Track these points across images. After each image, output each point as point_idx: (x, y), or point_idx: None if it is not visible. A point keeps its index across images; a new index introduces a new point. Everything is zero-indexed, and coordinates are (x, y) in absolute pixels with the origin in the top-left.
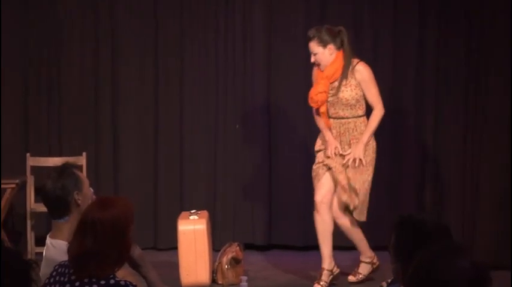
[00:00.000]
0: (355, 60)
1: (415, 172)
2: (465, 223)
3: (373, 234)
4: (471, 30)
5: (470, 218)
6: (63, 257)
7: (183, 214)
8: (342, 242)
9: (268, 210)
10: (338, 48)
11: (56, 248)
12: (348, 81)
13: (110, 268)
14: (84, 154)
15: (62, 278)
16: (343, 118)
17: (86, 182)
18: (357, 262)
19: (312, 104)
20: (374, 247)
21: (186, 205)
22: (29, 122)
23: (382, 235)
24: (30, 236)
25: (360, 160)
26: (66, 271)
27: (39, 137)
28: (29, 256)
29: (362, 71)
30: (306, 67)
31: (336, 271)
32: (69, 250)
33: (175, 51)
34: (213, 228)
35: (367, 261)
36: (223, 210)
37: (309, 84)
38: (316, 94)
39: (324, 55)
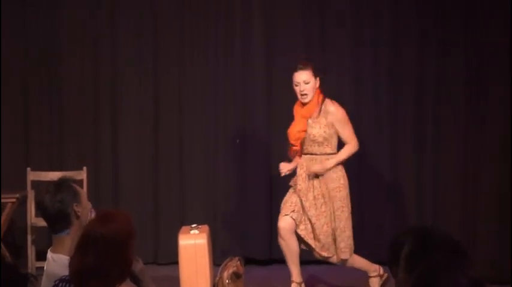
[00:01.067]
0: (327, 100)
1: (414, 175)
2: (465, 227)
3: (374, 240)
4: (471, 31)
5: (471, 222)
6: (64, 271)
7: (184, 228)
8: None
9: (269, 224)
10: (320, 83)
11: (56, 262)
12: (318, 119)
13: (112, 283)
14: (84, 168)
15: None
16: (311, 154)
17: (83, 194)
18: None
19: (291, 141)
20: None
21: (187, 220)
22: (29, 136)
23: (382, 240)
24: (31, 251)
25: (317, 176)
26: (67, 285)
27: (40, 152)
28: (30, 271)
29: (335, 113)
30: None
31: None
32: (70, 266)
33: (175, 61)
34: (213, 243)
35: (374, 275)
36: (223, 225)
37: None
38: (297, 132)
39: (312, 87)
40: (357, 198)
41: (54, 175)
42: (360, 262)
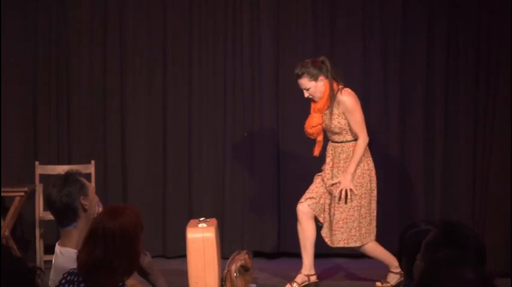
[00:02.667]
0: (340, 88)
1: (424, 175)
2: (475, 226)
3: (382, 239)
4: (480, 30)
5: (480, 220)
6: (72, 264)
7: (192, 221)
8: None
9: (277, 217)
10: (327, 77)
11: (65, 256)
12: (332, 110)
13: (120, 276)
14: (92, 162)
15: (70, 286)
16: (335, 142)
17: (90, 187)
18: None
19: (308, 136)
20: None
21: (195, 213)
22: (37, 130)
23: (391, 239)
24: (39, 244)
25: (351, 190)
26: (75, 279)
27: (48, 146)
28: (38, 264)
29: (344, 102)
30: None
31: (314, 279)
32: (78, 259)
33: (184, 58)
34: (221, 236)
35: (395, 271)
36: (232, 218)
37: None
38: (311, 128)
39: (317, 88)
40: None
41: (62, 169)
42: (384, 254)
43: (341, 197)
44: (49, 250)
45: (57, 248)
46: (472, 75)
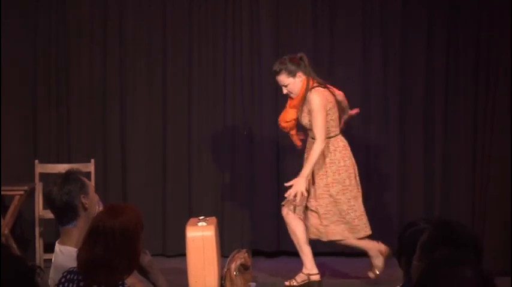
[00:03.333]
0: (313, 86)
1: (424, 175)
2: (475, 226)
3: (380, 238)
4: (480, 30)
5: (480, 220)
6: (72, 263)
7: (192, 220)
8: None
9: (277, 216)
10: (305, 73)
11: (64, 254)
12: (303, 108)
13: (120, 275)
14: (92, 160)
15: (70, 285)
16: (312, 138)
17: (91, 186)
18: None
19: (282, 129)
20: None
21: (195, 212)
22: (37, 129)
23: (391, 239)
24: (39, 243)
25: (302, 193)
26: (75, 277)
27: (48, 144)
28: (38, 263)
29: (310, 100)
30: None
31: (316, 278)
32: (78, 257)
33: (184, 58)
34: (221, 234)
35: (375, 254)
36: (231, 216)
37: None
38: (285, 122)
39: (295, 84)
40: (366, 190)
41: (62, 167)
42: (363, 243)
43: (296, 197)
44: (49, 248)
45: (57, 246)
46: (472, 75)
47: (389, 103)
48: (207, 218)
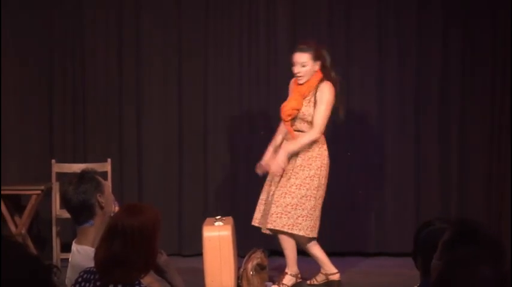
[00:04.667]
0: (326, 81)
1: (440, 175)
2: (491, 225)
3: (397, 239)
4: (496, 29)
5: (496, 220)
6: (89, 262)
7: (208, 220)
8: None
9: None
10: (319, 66)
11: (81, 254)
12: (311, 98)
13: (136, 274)
14: (108, 160)
15: (87, 285)
16: (299, 131)
17: (106, 185)
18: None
19: (282, 116)
20: (397, 254)
21: (210, 211)
22: (54, 128)
23: (406, 239)
24: (56, 243)
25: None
26: (92, 277)
27: (65, 144)
28: (54, 262)
29: (322, 89)
30: None
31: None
32: (96, 255)
33: (199, 56)
34: (237, 234)
35: (329, 273)
36: (247, 216)
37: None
38: (292, 109)
39: (311, 69)
40: (379, 188)
41: (78, 167)
42: (322, 254)
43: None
44: (66, 248)
45: (74, 246)
46: (488, 75)
47: (405, 103)
48: (224, 218)
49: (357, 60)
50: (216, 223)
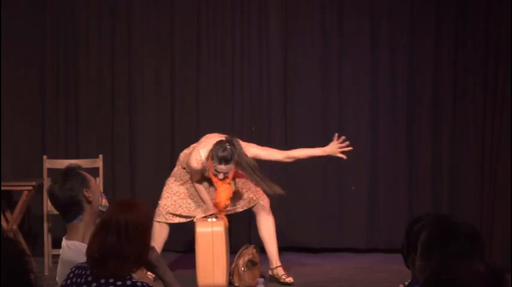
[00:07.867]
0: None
1: (432, 175)
2: (483, 223)
3: (389, 236)
4: (489, 28)
5: (489, 220)
6: (80, 258)
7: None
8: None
9: (285, 212)
10: None
11: (72, 249)
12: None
13: (128, 268)
14: (100, 156)
15: (78, 280)
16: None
17: (92, 179)
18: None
19: (220, 209)
20: (388, 250)
21: None
22: (45, 124)
23: (397, 237)
24: (47, 239)
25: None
26: (83, 272)
27: (56, 140)
28: (46, 258)
29: (250, 151)
30: (320, 71)
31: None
32: (88, 249)
33: (192, 54)
34: (230, 230)
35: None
36: (240, 213)
37: (323, 88)
38: (225, 201)
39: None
40: (372, 184)
41: (70, 163)
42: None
43: None
44: (57, 244)
45: (64, 242)
46: (480, 74)
47: (398, 102)
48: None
49: (349, 59)
50: (209, 219)
